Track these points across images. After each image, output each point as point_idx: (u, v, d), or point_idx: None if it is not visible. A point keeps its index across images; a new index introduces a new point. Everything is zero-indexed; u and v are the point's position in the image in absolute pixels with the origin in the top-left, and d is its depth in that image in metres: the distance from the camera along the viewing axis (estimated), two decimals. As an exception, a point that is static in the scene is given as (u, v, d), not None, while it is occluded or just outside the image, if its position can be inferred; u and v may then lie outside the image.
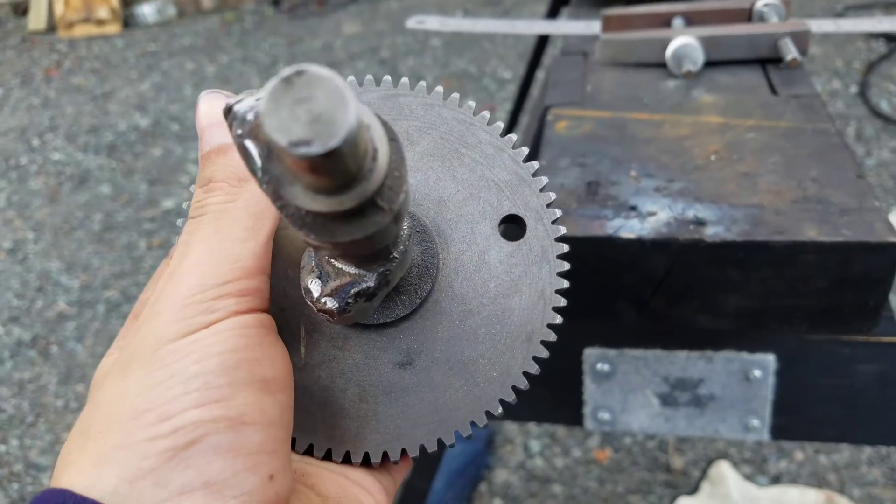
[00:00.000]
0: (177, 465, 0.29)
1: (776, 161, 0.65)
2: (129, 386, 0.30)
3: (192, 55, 4.24)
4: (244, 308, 0.32)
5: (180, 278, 0.32)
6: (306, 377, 0.39)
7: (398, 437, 0.39)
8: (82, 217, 2.85)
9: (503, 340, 0.39)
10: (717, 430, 0.82)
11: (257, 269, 0.33)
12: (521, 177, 0.40)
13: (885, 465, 1.58)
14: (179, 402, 0.29)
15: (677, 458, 1.64)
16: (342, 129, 0.23)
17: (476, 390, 0.39)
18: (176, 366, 0.30)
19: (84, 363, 2.16)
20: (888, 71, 3.14)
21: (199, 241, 0.33)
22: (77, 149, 3.36)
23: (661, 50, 0.85)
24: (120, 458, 0.29)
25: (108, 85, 3.99)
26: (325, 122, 0.23)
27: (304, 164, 0.23)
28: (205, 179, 0.35)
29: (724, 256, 0.57)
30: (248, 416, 0.30)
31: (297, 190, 0.26)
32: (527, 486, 1.65)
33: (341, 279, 0.33)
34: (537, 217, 0.40)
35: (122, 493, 0.28)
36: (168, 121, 3.49)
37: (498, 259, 0.39)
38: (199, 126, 0.36)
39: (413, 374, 0.39)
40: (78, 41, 4.70)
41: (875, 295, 0.56)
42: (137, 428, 0.29)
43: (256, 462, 0.30)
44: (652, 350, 0.78)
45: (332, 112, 0.23)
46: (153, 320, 0.32)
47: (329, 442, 0.38)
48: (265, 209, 0.34)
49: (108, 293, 2.43)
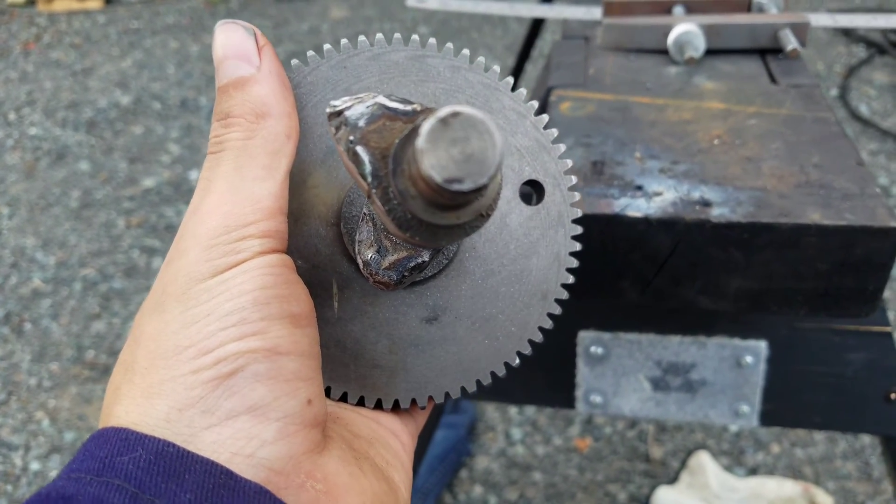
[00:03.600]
0: (222, 393, 0.31)
1: (778, 147, 0.66)
2: (167, 324, 0.32)
3: (175, 34, 4.18)
4: (267, 249, 0.33)
5: (204, 217, 0.33)
6: (339, 331, 0.41)
7: (425, 385, 0.41)
8: (59, 193, 2.80)
9: (521, 298, 0.41)
10: (707, 416, 0.83)
11: (276, 209, 0.34)
12: (541, 143, 0.41)
13: (859, 460, 1.61)
14: (218, 336, 0.31)
15: (657, 448, 1.66)
16: (491, 169, 0.25)
17: (496, 344, 0.41)
18: (210, 304, 0.31)
19: (58, 341, 2.13)
20: (868, 75, 3.18)
21: (219, 178, 0.34)
22: (55, 124, 3.30)
23: (663, 37, 0.86)
24: (168, 391, 0.31)
25: (89, 61, 3.92)
26: (476, 162, 0.25)
27: (444, 195, 0.26)
28: (223, 113, 0.36)
29: (729, 237, 0.57)
30: (283, 347, 0.32)
31: (418, 204, 0.27)
32: (507, 473, 1.66)
33: (399, 254, 0.35)
34: (555, 183, 0.41)
35: (173, 419, 0.30)
36: (150, 99, 3.44)
37: (518, 222, 0.41)
38: (217, 57, 0.36)
39: (439, 328, 0.41)
40: (58, 15, 4.61)
41: (874, 280, 0.57)
42: (181, 362, 0.31)
43: (294, 388, 0.32)
44: (646, 334, 0.79)
45: (483, 153, 0.25)
46: (180, 259, 0.33)
47: (362, 390, 0.41)
48: (282, 146, 0.35)
49: (84, 271, 2.39)
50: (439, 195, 0.26)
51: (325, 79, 0.40)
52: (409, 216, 0.28)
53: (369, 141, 0.29)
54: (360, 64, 0.40)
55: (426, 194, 0.27)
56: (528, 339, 0.42)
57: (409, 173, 0.27)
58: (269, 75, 0.36)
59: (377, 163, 0.29)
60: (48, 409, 1.92)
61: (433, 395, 0.42)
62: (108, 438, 0.30)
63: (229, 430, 0.30)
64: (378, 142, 0.29)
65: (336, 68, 0.40)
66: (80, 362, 2.05)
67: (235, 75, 0.36)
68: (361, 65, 0.40)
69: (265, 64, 0.36)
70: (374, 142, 0.29)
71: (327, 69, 0.40)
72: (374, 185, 0.28)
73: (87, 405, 1.92)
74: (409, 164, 0.27)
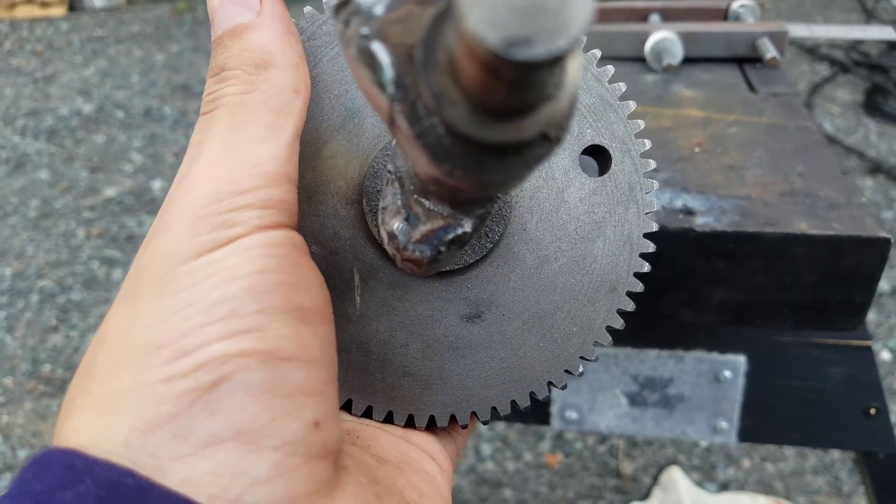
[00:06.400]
0: (201, 411, 0.23)
1: (760, 155, 0.64)
2: (138, 316, 0.25)
3: (140, 42, 4.11)
4: (269, 223, 0.26)
5: (191, 185, 0.27)
6: (362, 330, 0.34)
7: (467, 398, 0.34)
8: (17, 202, 2.72)
9: (584, 291, 0.34)
10: (684, 432, 0.81)
11: (281, 175, 0.28)
12: (605, 100, 0.34)
13: (829, 474, 1.60)
14: (200, 334, 0.24)
15: (627, 464, 1.64)
16: (577, 22, 0.16)
17: (553, 347, 0.34)
18: (193, 291, 0.24)
19: (13, 355, 2.05)
20: (831, 93, 3.24)
21: (211, 139, 0.28)
22: (14, 132, 3.21)
23: (640, 44, 0.84)
24: (131, 403, 0.23)
25: (51, 68, 3.83)
26: (552, 13, 0.16)
27: (502, 73, 0.17)
28: (217, 68, 0.30)
29: (714, 247, 0.55)
30: (285, 351, 0.25)
31: (461, 111, 0.19)
32: (477, 490, 1.62)
33: (433, 223, 0.27)
34: (624, 148, 0.34)
35: (134, 444, 0.23)
36: (113, 108, 3.37)
37: (579, 197, 0.34)
38: (211, 6, 0.31)
39: (483, 328, 0.34)
40: (20, 22, 4.51)
41: (862, 291, 0.56)
42: (150, 366, 0.24)
43: (298, 405, 0.25)
44: (623, 348, 0.77)
45: (562, 1, 0.16)
46: (160, 235, 0.26)
47: (390, 404, 0.34)
48: (289, 103, 0.29)
49: (42, 282, 2.31)
50: (494, 77, 0.17)
51: None
52: (446, 141, 0.19)
53: (390, 35, 0.21)
54: None
55: (474, 86, 0.18)
56: (594, 342, 0.35)
57: (447, 62, 0.18)
58: (271, 20, 0.30)
59: (401, 65, 0.20)
60: (1, 425, 1.84)
61: (477, 412, 0.34)
62: (50, 464, 0.23)
63: (208, 463, 0.23)
64: (402, 36, 0.21)
65: None
66: (35, 377, 1.97)
67: (232, 23, 0.30)
68: None
69: (267, 7, 0.30)
70: (396, 36, 0.21)
71: None
72: (397, 97, 0.20)
73: (42, 422, 1.84)
74: (447, 44, 0.18)
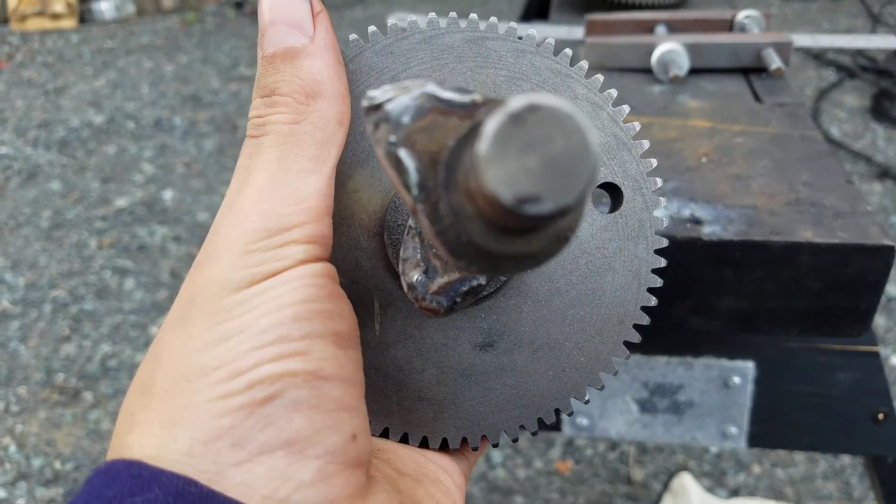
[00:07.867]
0: (256, 423, 0.26)
1: (766, 165, 0.65)
2: (193, 340, 0.27)
3: (150, 54, 4.15)
4: (311, 257, 0.29)
5: (240, 216, 0.29)
6: (381, 357, 0.36)
7: (478, 422, 0.36)
8: (30, 213, 2.75)
9: (593, 323, 0.36)
10: (694, 438, 0.82)
11: (323, 209, 0.30)
12: (620, 139, 0.35)
13: (840, 480, 1.61)
14: (252, 356, 0.26)
15: (638, 470, 1.64)
16: (581, 184, 0.18)
17: (562, 376, 0.36)
18: (245, 318, 0.27)
19: (27, 364, 2.07)
20: (839, 98, 3.24)
21: (260, 168, 0.30)
22: (26, 143, 3.24)
23: (646, 56, 0.85)
24: (192, 418, 0.26)
25: (62, 80, 3.87)
26: (560, 173, 0.18)
27: (514, 221, 0.19)
28: (267, 89, 0.31)
29: (721, 255, 0.56)
30: (326, 371, 0.28)
31: (477, 227, 0.21)
32: (488, 497, 1.63)
33: (450, 276, 0.30)
34: (636, 186, 0.35)
35: (196, 454, 0.26)
36: (123, 118, 3.40)
37: (590, 233, 0.36)
38: (263, 21, 0.31)
39: (495, 356, 0.36)
40: (31, 34, 4.56)
41: (867, 298, 0.57)
42: (208, 386, 0.26)
43: (337, 419, 0.27)
44: (633, 355, 0.78)
45: (570, 162, 0.18)
46: (212, 264, 0.28)
47: (405, 426, 0.36)
48: (332, 135, 0.31)
49: (55, 292, 2.34)
50: (507, 218, 0.19)
51: (369, 66, 0.35)
52: (464, 240, 0.21)
53: (415, 142, 0.23)
54: (410, 48, 0.35)
55: (488, 215, 0.20)
56: (601, 372, 0.36)
57: (465, 187, 0.21)
58: (323, 49, 0.31)
59: (425, 171, 0.23)
60: (15, 434, 1.86)
61: (487, 435, 0.36)
62: (118, 475, 0.25)
63: (262, 468, 0.26)
64: (426, 144, 0.23)
65: (381, 54, 0.35)
66: (49, 386, 1.99)
67: (285, 44, 0.31)
68: (411, 49, 0.35)
69: (320, 34, 0.31)
70: (421, 144, 0.23)
71: (371, 55, 0.35)
72: (420, 198, 0.23)
73: (55, 430, 1.86)
74: (467, 174, 0.21)
